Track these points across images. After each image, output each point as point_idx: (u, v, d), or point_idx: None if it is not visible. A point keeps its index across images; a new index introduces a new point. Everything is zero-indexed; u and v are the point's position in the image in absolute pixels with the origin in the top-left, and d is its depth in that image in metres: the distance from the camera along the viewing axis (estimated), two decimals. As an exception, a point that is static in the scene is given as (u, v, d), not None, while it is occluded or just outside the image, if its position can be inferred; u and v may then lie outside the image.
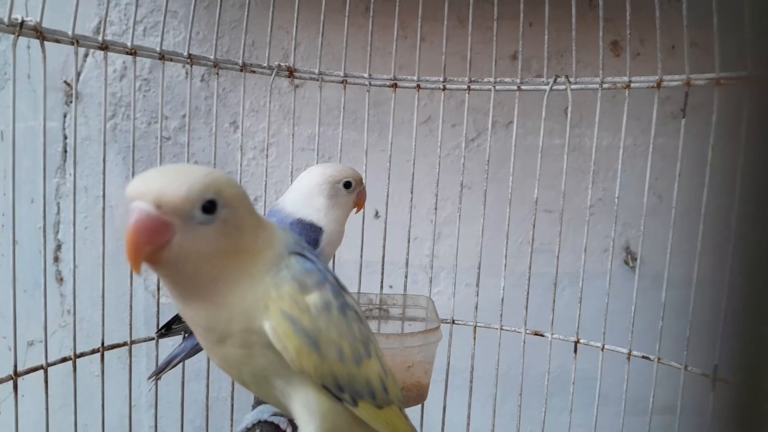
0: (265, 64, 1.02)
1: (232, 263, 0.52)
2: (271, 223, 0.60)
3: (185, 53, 0.94)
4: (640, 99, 0.99)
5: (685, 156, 0.90)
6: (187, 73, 1.21)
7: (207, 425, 1.03)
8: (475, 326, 1.06)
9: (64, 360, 0.85)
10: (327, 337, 0.56)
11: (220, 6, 0.97)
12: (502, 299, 1.03)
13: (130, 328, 0.93)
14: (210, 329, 0.55)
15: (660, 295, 0.92)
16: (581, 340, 1.00)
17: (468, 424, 1.05)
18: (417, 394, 0.94)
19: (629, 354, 0.96)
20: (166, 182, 0.49)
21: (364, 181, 0.92)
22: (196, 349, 0.87)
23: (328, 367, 0.56)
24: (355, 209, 0.92)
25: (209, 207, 0.50)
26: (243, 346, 0.55)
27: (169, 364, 0.87)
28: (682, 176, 0.90)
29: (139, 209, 0.49)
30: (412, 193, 1.06)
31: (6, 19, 0.72)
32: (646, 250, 0.98)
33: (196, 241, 0.50)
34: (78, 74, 1.10)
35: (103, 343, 0.90)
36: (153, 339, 0.95)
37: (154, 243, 0.48)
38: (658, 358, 0.93)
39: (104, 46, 0.85)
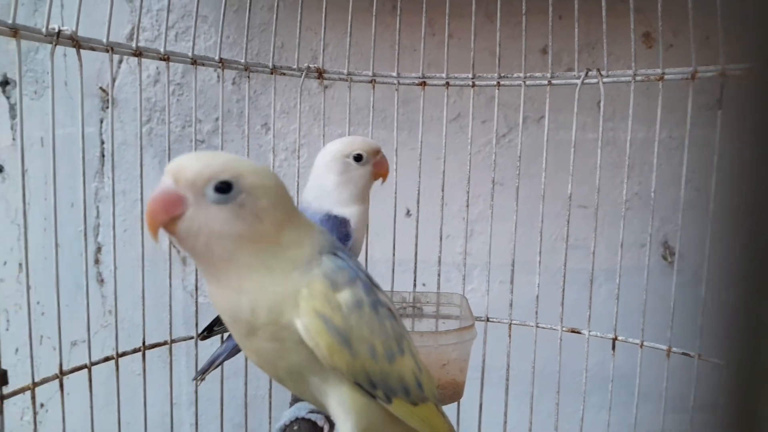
0: (295, 66, 1.03)
1: (246, 250, 0.54)
2: (311, 225, 0.60)
3: (216, 57, 0.95)
4: (674, 91, 0.97)
5: (723, 148, 0.87)
6: (218, 76, 1.23)
7: (246, 422, 1.05)
8: (510, 324, 1.05)
9: (107, 359, 0.88)
10: (359, 335, 0.56)
11: (250, 10, 0.98)
12: (537, 296, 1.02)
13: (170, 328, 0.95)
14: (235, 318, 0.56)
15: (700, 290, 0.90)
16: (619, 337, 0.98)
17: (505, 422, 1.05)
18: (453, 392, 0.94)
19: (669, 351, 0.94)
20: (189, 160, 0.53)
21: (379, 148, 0.87)
22: (237, 349, 0.88)
23: (361, 364, 0.56)
24: (381, 180, 0.88)
25: (223, 188, 0.52)
26: (274, 340, 0.56)
27: (212, 365, 0.88)
28: (720, 169, 0.87)
29: (162, 182, 0.53)
30: (443, 190, 1.06)
31: (44, 30, 0.74)
32: (685, 244, 0.96)
33: (207, 218, 0.52)
34: (113, 80, 1.13)
35: (144, 343, 0.92)
36: (192, 338, 0.97)
37: (167, 213, 0.52)
38: (699, 355, 0.91)
39: (138, 53, 0.86)
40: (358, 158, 0.83)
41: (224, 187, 0.52)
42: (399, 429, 0.62)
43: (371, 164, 0.85)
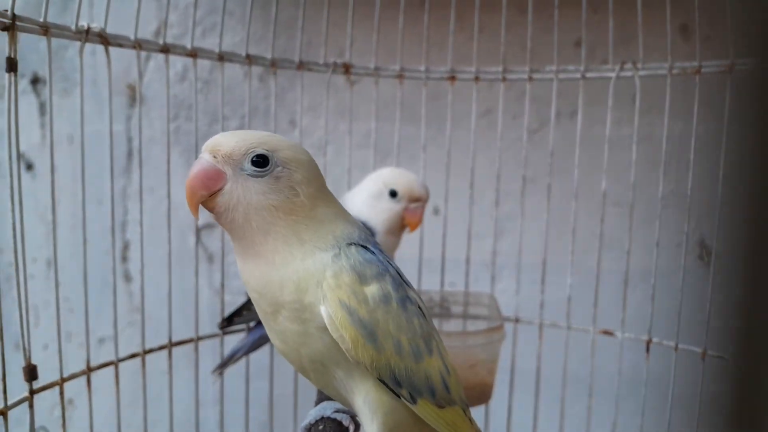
0: (322, 62, 1.02)
1: (282, 222, 0.55)
2: (343, 210, 0.61)
3: (243, 54, 0.94)
4: (712, 84, 0.93)
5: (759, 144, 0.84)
6: (245, 73, 1.22)
7: (271, 422, 1.04)
8: (541, 325, 1.03)
9: (133, 356, 0.88)
10: (384, 330, 0.56)
11: (277, 5, 0.97)
12: (569, 297, 0.99)
13: (196, 325, 0.94)
14: (262, 294, 0.56)
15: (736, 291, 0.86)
16: (653, 339, 0.95)
17: (535, 427, 1.02)
18: (481, 394, 0.92)
19: (704, 353, 0.91)
20: (227, 136, 0.55)
21: (422, 198, 0.88)
22: (258, 343, 0.88)
23: (386, 359, 0.56)
24: (408, 228, 0.89)
25: (260, 161, 0.54)
26: (296, 321, 0.56)
27: (231, 358, 0.88)
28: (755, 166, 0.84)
29: (201, 159, 0.55)
30: (471, 188, 1.04)
31: (74, 27, 0.74)
32: (722, 244, 0.92)
33: (245, 191, 0.54)
34: (141, 78, 1.13)
35: (170, 340, 0.92)
36: (218, 335, 0.97)
37: (207, 188, 0.54)
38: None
39: (165, 49, 0.86)
40: (392, 193, 0.86)
41: (261, 161, 0.54)
42: None
43: (402, 206, 0.87)
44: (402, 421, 0.59)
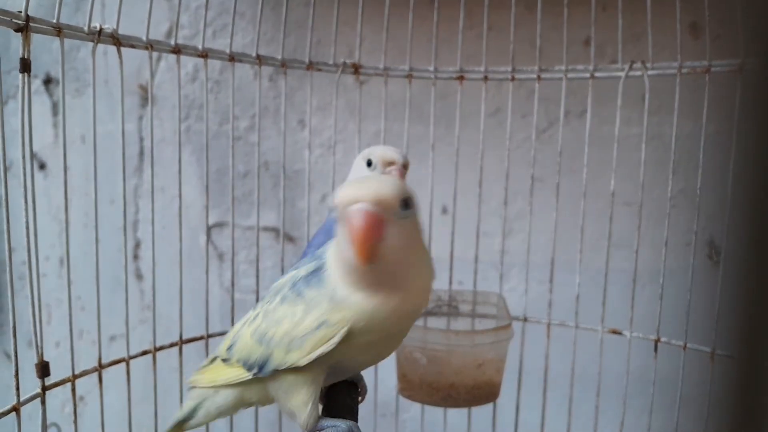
0: (331, 62, 1.02)
1: (414, 253, 0.61)
2: None
3: (254, 54, 0.95)
4: (722, 83, 0.93)
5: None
6: (255, 73, 1.23)
7: (280, 420, 1.05)
8: (549, 324, 1.03)
9: (144, 353, 0.89)
10: None
11: (287, 6, 0.98)
12: (578, 296, 0.99)
13: (207, 323, 0.95)
14: (399, 318, 0.62)
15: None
16: (662, 339, 0.95)
17: (542, 425, 1.02)
18: (488, 393, 0.92)
19: (713, 353, 0.90)
20: (377, 187, 0.58)
21: (395, 160, 0.85)
22: None
23: None
24: None
25: (407, 203, 0.58)
26: (405, 330, 0.67)
27: None
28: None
29: (363, 210, 0.55)
30: (480, 187, 1.04)
31: (86, 28, 0.75)
32: (731, 243, 0.92)
33: (400, 232, 0.57)
34: (152, 78, 1.14)
35: (181, 337, 0.93)
36: (227, 332, 0.98)
37: (378, 237, 0.55)
38: (746, 359, 0.87)
39: (177, 50, 0.87)
40: (368, 163, 0.86)
41: (407, 202, 0.59)
42: None
43: (379, 172, 0.85)
44: None
